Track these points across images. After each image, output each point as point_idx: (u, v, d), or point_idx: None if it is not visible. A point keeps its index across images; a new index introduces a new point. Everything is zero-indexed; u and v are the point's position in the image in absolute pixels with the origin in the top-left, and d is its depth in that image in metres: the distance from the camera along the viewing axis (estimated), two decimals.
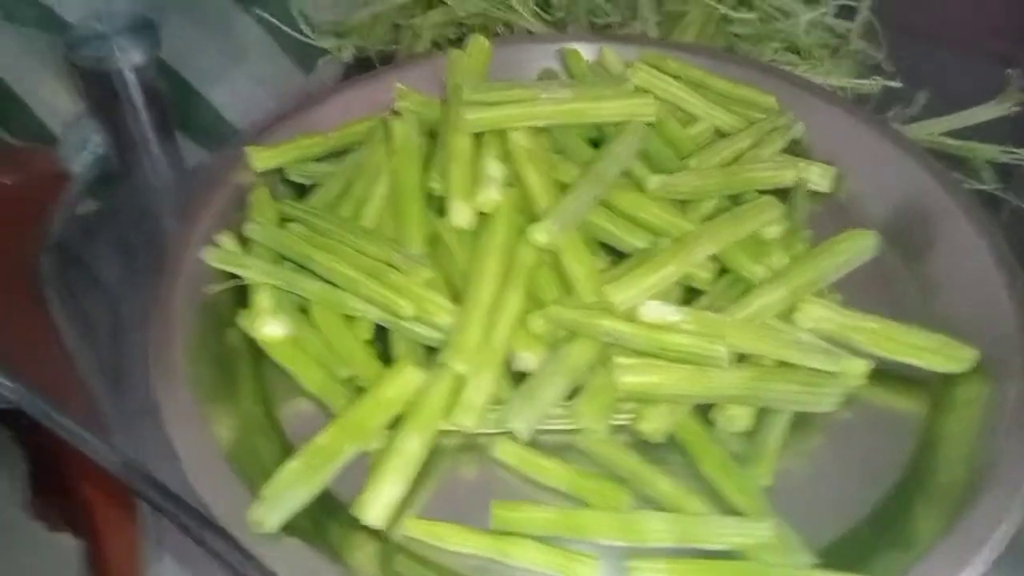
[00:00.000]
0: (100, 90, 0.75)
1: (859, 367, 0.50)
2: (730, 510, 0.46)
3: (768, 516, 0.45)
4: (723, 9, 0.75)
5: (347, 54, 0.79)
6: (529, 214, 0.55)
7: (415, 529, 0.45)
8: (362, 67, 0.78)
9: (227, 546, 0.41)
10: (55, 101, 0.79)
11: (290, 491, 0.43)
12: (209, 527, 0.43)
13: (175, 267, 0.53)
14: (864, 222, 0.58)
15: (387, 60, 0.77)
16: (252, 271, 0.52)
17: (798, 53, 0.77)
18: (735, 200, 0.58)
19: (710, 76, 0.66)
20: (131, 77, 0.75)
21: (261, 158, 0.61)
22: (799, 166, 0.60)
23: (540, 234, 0.51)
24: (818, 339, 0.50)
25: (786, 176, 0.59)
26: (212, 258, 0.53)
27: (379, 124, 0.62)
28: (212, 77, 0.80)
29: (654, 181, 0.56)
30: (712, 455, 0.48)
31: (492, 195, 0.53)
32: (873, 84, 0.75)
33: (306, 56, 0.81)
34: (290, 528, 0.43)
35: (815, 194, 0.61)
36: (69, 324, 0.65)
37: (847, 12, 0.79)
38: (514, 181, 0.55)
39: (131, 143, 0.76)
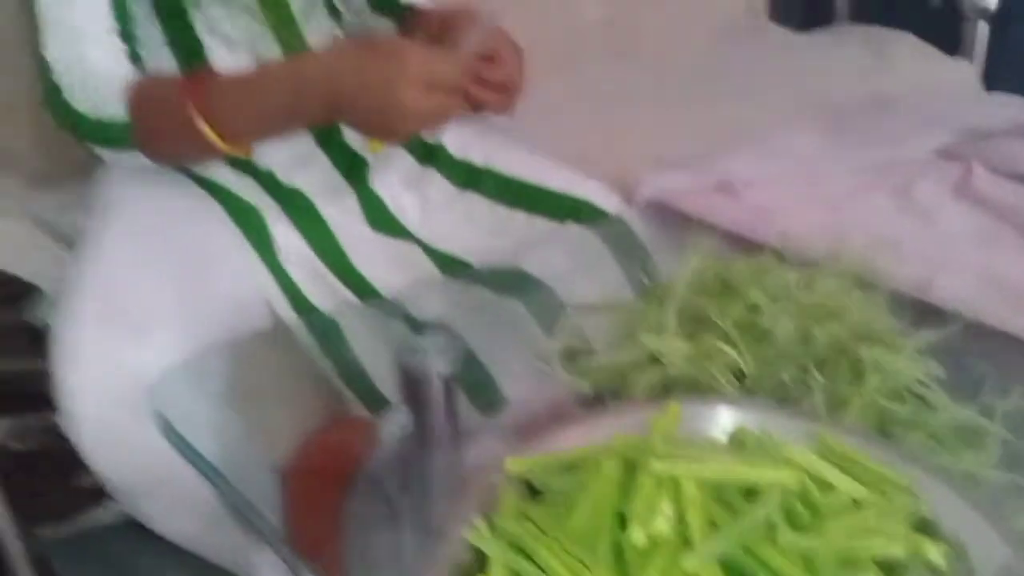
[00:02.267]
0: (413, 387, 1.06)
1: None
2: None
3: None
4: (882, 401, 0.97)
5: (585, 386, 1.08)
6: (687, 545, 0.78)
7: None
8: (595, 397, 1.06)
9: None
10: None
11: None
12: None
13: (441, 548, 0.80)
14: None
15: (615, 394, 1.05)
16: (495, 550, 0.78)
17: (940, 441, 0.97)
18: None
19: (855, 453, 0.87)
20: (437, 382, 1.07)
21: (516, 465, 0.88)
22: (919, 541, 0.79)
23: (690, 562, 0.73)
24: None
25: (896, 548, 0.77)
26: (475, 537, 0.80)
27: (603, 451, 0.88)
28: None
29: (786, 535, 0.77)
30: None
31: (661, 527, 0.77)
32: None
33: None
34: None
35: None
36: None
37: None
38: (680, 520, 0.79)
39: (429, 434, 1.06)
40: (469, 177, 1.28)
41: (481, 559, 0.79)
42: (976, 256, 1.38)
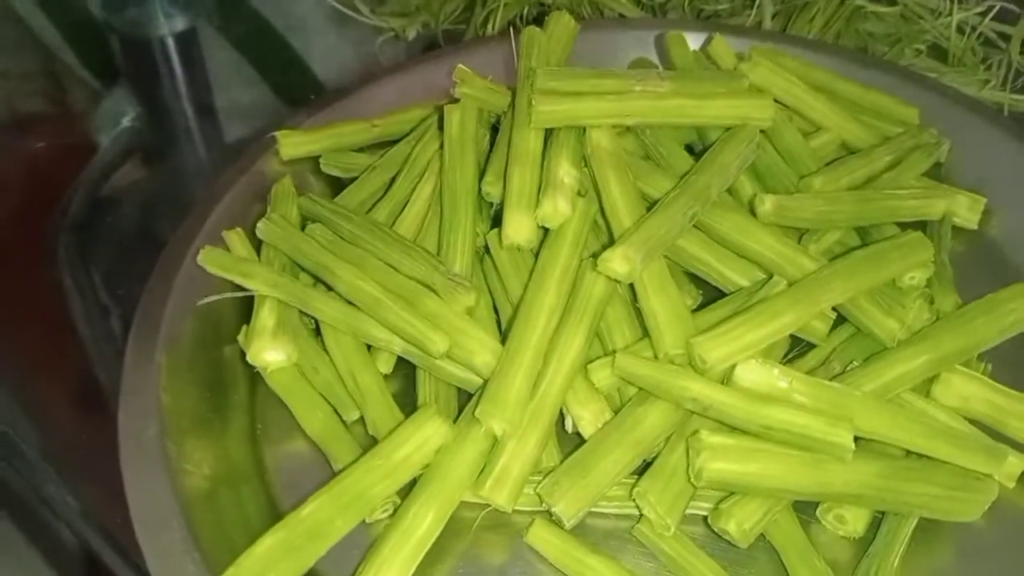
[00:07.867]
0: (138, 57, 0.68)
1: (1016, 465, 0.38)
2: None
3: None
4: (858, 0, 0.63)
5: (411, 32, 0.70)
6: (605, 234, 0.44)
7: None
8: (426, 47, 0.69)
9: None
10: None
11: None
12: None
13: (169, 269, 0.44)
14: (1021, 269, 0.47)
15: (455, 40, 0.68)
16: (256, 281, 0.43)
17: (944, 60, 0.65)
18: (863, 234, 0.47)
19: (838, 79, 0.54)
20: (171, 44, 0.68)
21: (290, 144, 0.51)
22: (948, 196, 0.48)
23: (617, 263, 0.40)
24: (968, 424, 0.39)
25: (935, 208, 0.47)
26: (209, 262, 0.44)
27: (433, 113, 0.52)
28: None
29: (768, 202, 0.44)
30: (812, 567, 0.36)
31: (560, 206, 0.42)
32: None
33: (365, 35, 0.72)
34: None
35: (957, 231, 0.49)
36: (81, 309, 0.57)
37: (1006, 14, 0.66)
38: (589, 191, 0.44)
39: (167, 117, 0.69)
40: None
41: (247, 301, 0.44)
42: None
